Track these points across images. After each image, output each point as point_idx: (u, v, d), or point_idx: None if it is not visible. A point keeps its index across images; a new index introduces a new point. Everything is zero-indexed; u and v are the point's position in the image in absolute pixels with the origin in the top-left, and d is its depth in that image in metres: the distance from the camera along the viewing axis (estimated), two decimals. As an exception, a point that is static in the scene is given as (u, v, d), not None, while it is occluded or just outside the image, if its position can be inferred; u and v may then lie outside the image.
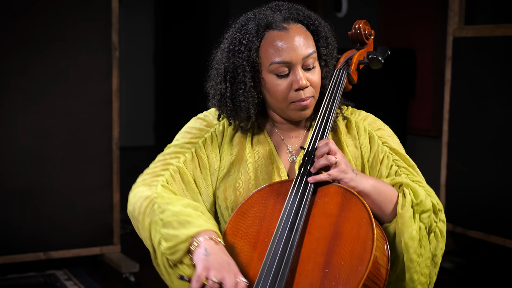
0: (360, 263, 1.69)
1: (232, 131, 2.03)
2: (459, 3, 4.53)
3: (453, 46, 4.54)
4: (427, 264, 1.88)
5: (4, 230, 4.28)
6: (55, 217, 4.38)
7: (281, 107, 1.94)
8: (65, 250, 4.43)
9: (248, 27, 1.93)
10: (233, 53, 1.93)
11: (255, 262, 1.78)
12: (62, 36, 4.30)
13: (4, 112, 4.24)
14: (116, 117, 4.45)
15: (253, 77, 1.92)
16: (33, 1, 4.23)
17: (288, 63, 1.88)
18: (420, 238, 1.85)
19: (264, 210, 1.86)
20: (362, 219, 1.76)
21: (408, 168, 1.95)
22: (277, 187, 1.89)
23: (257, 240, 1.82)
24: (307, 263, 1.74)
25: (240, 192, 1.97)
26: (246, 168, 1.99)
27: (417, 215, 1.86)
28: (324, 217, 1.80)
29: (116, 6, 4.42)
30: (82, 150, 4.43)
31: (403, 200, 1.85)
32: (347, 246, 1.73)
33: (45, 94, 4.32)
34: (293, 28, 1.91)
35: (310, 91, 1.91)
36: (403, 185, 1.90)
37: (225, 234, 1.86)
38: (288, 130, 2.03)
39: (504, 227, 4.25)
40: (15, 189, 4.29)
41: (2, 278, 4.32)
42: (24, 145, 4.29)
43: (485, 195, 4.40)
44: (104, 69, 4.41)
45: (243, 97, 1.92)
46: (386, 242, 1.80)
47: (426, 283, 1.89)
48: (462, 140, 4.57)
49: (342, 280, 1.69)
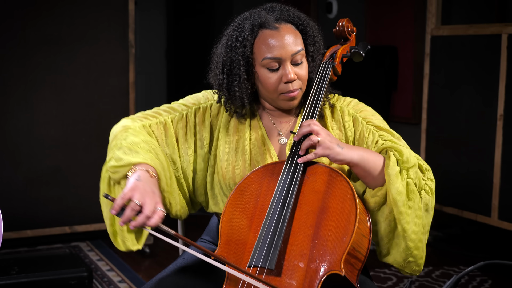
0: (345, 234, 1.72)
1: (228, 116, 2.03)
2: (436, 6, 4.52)
3: (431, 44, 4.54)
4: (418, 215, 1.85)
5: (34, 207, 4.31)
6: (79, 196, 4.40)
7: (272, 97, 1.95)
8: (88, 225, 4.46)
9: (244, 25, 1.93)
10: (230, 49, 1.94)
11: (252, 234, 1.79)
12: (85, 35, 4.31)
13: (36, 103, 4.25)
14: (132, 107, 4.46)
15: (247, 71, 1.93)
16: (60, 4, 4.22)
17: (278, 59, 1.89)
18: (408, 193, 1.83)
19: (260, 188, 1.86)
20: (346, 195, 1.77)
21: (393, 140, 1.92)
22: (271, 167, 1.89)
23: (254, 215, 1.82)
24: (298, 234, 1.75)
25: (238, 171, 1.97)
26: (243, 151, 1.98)
27: (404, 172, 1.84)
28: (312, 193, 1.81)
29: (132, 9, 4.42)
30: (103, 136, 4.16)
31: (388, 161, 1.83)
32: (333, 219, 1.75)
33: (70, 87, 4.32)
34: (284, 27, 1.91)
35: (297, 84, 1.92)
36: (387, 149, 1.88)
37: (226, 209, 1.86)
38: (279, 116, 2.03)
39: (475, 204, 4.26)
40: (44, 170, 4.32)
41: (33, 249, 4.32)
42: (52, 131, 4.32)
43: (459, 176, 4.40)
44: (121, 64, 4.42)
45: (238, 88, 1.93)
46: (369, 215, 1.83)
47: (419, 231, 1.86)
48: (438, 126, 4.56)
49: (329, 249, 1.71)
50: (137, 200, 1.68)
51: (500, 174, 4.10)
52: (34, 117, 4.29)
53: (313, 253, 1.72)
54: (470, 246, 4.60)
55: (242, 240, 1.80)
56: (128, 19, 4.42)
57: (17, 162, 4.28)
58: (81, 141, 4.41)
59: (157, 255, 4.40)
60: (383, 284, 3.82)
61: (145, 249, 4.39)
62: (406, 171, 1.85)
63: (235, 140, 2.01)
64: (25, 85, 4.25)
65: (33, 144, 4.30)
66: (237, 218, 1.84)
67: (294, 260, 1.72)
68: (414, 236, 1.85)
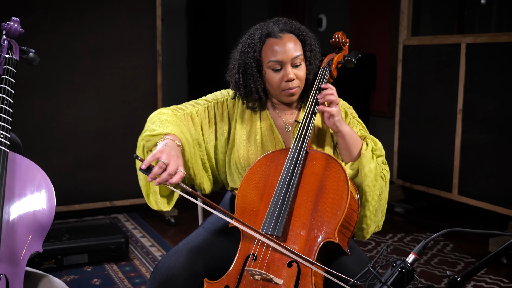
0: (339, 209, 1.74)
1: (242, 109, 2.03)
2: (407, 20, 4.51)
3: (403, 52, 4.54)
4: (377, 194, 1.90)
5: (81, 186, 4.33)
6: (117, 176, 4.42)
7: (276, 93, 1.96)
8: (124, 200, 4.48)
9: (255, 35, 1.96)
10: (244, 53, 1.96)
11: (262, 207, 1.80)
12: (121, 46, 4.32)
13: (81, 101, 4.26)
14: (160, 104, 4.47)
15: (259, 71, 1.95)
16: (101, 22, 4.23)
17: (280, 62, 1.90)
18: (376, 173, 1.88)
19: (269, 170, 1.87)
20: (340, 177, 1.79)
21: (367, 134, 1.99)
22: (278, 153, 1.90)
23: (264, 191, 1.84)
24: (300, 208, 1.77)
25: (251, 154, 1.98)
26: (255, 138, 1.99)
27: (374, 157, 1.90)
28: (312, 175, 1.82)
29: (159, 24, 4.43)
30: (136, 128, 4.19)
31: (366, 146, 1.89)
32: (329, 196, 1.77)
33: (109, 88, 4.33)
34: (286, 37, 1.92)
35: (296, 83, 1.93)
36: (366, 137, 1.95)
37: (241, 186, 1.86)
38: (284, 109, 2.04)
39: (439, 182, 4.26)
40: (88, 156, 4.34)
41: (80, 220, 4.37)
42: (95, 124, 4.33)
43: (426, 159, 4.41)
44: (151, 70, 4.42)
45: (253, 84, 1.95)
46: (358, 194, 1.83)
47: (375, 208, 1.91)
48: (409, 119, 4.56)
49: (326, 221, 1.73)
50: (164, 160, 1.68)
51: (460, 157, 4.09)
52: (80, 113, 4.30)
53: (312, 224, 1.74)
54: (435, 217, 4.60)
55: (254, 212, 1.81)
56: (156, 33, 4.42)
57: (67, 150, 4.29)
58: (118, 132, 4.42)
59: (181, 224, 4.39)
60: (363, 248, 3.82)
61: (170, 219, 4.37)
62: (376, 157, 1.91)
63: (248, 129, 2.01)
64: (73, 87, 4.25)
65: (79, 135, 4.31)
66: (250, 194, 1.85)
67: (297, 229, 1.74)
68: (371, 208, 1.90)
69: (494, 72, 3.83)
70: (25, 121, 4.11)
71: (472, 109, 4.00)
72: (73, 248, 3.43)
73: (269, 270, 1.69)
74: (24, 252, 1.65)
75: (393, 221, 4.40)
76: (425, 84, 4.41)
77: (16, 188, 1.72)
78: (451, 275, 1.30)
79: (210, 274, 1.82)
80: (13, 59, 1.94)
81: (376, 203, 1.92)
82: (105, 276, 3.33)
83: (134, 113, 4.42)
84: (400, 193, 4.77)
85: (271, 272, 1.68)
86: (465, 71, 4.01)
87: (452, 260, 3.64)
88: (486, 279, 3.32)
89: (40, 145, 4.17)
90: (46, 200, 1.74)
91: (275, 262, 1.70)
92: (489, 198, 3.86)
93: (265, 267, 1.70)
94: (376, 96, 5.45)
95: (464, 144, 4.06)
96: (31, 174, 1.77)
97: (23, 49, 2.04)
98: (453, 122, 4.13)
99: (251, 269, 1.67)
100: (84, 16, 4.20)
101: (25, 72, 3.98)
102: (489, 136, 3.88)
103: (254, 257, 1.73)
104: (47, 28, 4.10)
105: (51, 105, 4.20)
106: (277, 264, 1.70)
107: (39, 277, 1.76)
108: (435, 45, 4.28)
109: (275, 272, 1.68)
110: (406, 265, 1.31)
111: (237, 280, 1.72)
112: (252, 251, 1.75)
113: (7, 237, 1.63)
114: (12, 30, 2.00)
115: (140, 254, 3.70)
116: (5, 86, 1.86)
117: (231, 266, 1.75)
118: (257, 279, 1.68)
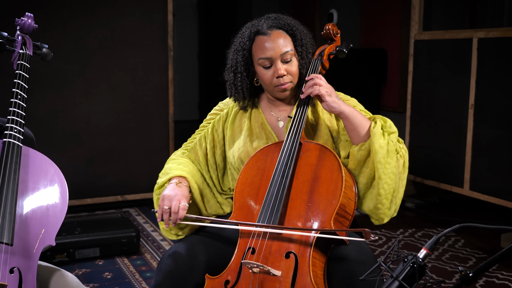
0: (333, 198, 1.73)
1: (235, 112, 2.07)
2: (419, 15, 4.48)
3: (414, 46, 4.50)
4: (393, 172, 1.82)
5: (93, 180, 4.34)
6: (128, 170, 4.43)
7: (269, 89, 1.97)
8: (136, 194, 4.49)
9: (245, 33, 1.97)
10: (235, 52, 1.98)
11: (259, 201, 1.82)
12: (133, 41, 4.32)
13: (94, 96, 4.27)
14: (171, 99, 4.47)
15: (247, 69, 1.97)
16: (114, 18, 4.23)
17: (269, 58, 1.90)
18: (388, 150, 1.81)
19: (264, 164, 1.88)
20: (334, 166, 1.78)
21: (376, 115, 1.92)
22: (273, 146, 1.91)
23: (260, 185, 1.85)
24: (295, 199, 1.77)
25: (246, 149, 2.00)
26: (247, 135, 2.01)
27: (386, 134, 1.83)
28: (307, 166, 1.82)
29: (171, 19, 4.42)
30: (147, 123, 4.44)
31: (374, 124, 1.83)
32: (324, 186, 1.76)
33: (121, 83, 4.33)
34: (275, 33, 1.91)
35: (288, 78, 1.92)
36: (375, 117, 1.88)
37: (238, 183, 1.88)
38: (278, 105, 2.04)
39: (450, 177, 4.23)
40: (101, 150, 4.35)
41: (92, 214, 4.38)
42: (107, 119, 4.34)
43: (437, 154, 4.38)
44: (162, 64, 4.42)
45: (240, 83, 1.98)
46: (355, 182, 1.83)
47: (391, 187, 1.83)
48: (420, 114, 4.53)
49: (321, 211, 1.73)
50: (165, 206, 1.79)
51: (471, 152, 4.06)
52: (93, 107, 4.31)
53: (308, 214, 1.74)
54: (447, 212, 4.57)
55: (251, 206, 1.83)
56: (167, 28, 4.42)
57: (79, 144, 4.30)
58: (130, 126, 4.43)
59: (192, 219, 4.38)
60: (374, 243, 3.81)
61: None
62: (388, 134, 1.84)
63: (241, 128, 2.04)
64: (86, 82, 4.25)
65: (92, 129, 4.32)
66: (247, 189, 1.86)
67: (293, 220, 1.75)
68: (386, 186, 1.82)
69: (506, 67, 3.80)
70: (38, 116, 4.12)
71: (483, 104, 3.97)
72: (85, 241, 3.45)
73: (267, 262, 1.70)
74: (37, 246, 1.66)
75: (404, 216, 4.39)
76: (436, 79, 4.37)
77: (30, 182, 1.73)
78: (463, 271, 1.29)
79: (211, 267, 1.87)
80: (26, 54, 1.95)
81: (393, 181, 1.84)
82: (116, 270, 3.35)
83: (146, 108, 4.43)
84: (411, 188, 4.75)
85: (269, 264, 1.69)
86: (476, 65, 3.99)
87: (464, 255, 3.62)
88: (498, 275, 3.31)
89: (53, 140, 4.18)
90: (59, 194, 1.75)
91: (272, 254, 1.71)
92: (501, 193, 3.84)
93: (263, 259, 1.71)
94: (387, 91, 5.43)
95: (476, 139, 4.03)
96: (44, 168, 1.78)
97: (36, 44, 2.05)
98: (464, 117, 4.10)
99: (248, 261, 1.68)
100: (97, 11, 4.21)
101: (38, 67, 4.00)
102: (501, 131, 3.85)
103: (252, 250, 1.75)
104: (59, 24, 4.12)
105: (64, 99, 4.20)
106: (274, 255, 1.71)
107: (51, 271, 1.77)
108: (446, 40, 4.25)
109: (273, 264, 1.69)
110: (418, 260, 1.31)
111: (237, 274, 1.74)
112: (249, 245, 1.76)
113: (20, 230, 1.64)
114: (26, 26, 2.02)
115: (151, 248, 3.71)
116: (19, 81, 1.87)
117: (231, 260, 1.78)
118: (255, 272, 1.69)
